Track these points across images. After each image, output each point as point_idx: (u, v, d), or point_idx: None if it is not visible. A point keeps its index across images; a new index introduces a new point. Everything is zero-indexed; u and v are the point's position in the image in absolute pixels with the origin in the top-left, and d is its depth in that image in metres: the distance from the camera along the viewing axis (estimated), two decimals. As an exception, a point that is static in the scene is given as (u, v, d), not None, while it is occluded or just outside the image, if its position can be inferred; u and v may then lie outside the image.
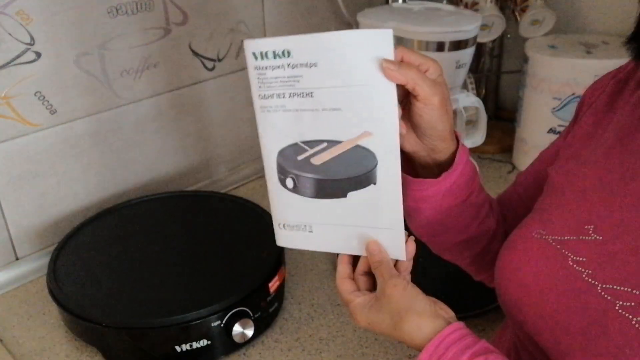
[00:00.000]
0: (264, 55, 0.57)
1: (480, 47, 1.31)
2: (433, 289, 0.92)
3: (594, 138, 0.58)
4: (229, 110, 1.17)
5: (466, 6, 1.23)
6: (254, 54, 0.57)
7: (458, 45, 1.02)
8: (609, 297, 0.49)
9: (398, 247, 0.61)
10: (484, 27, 1.19)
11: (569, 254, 0.52)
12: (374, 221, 0.61)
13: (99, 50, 0.94)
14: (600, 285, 0.50)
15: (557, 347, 0.51)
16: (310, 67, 0.56)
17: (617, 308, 0.48)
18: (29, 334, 0.84)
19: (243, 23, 1.12)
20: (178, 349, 0.75)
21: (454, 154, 0.61)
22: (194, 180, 1.16)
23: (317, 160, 0.60)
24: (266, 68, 0.58)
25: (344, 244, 0.63)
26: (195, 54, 1.07)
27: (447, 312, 0.56)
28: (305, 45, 0.56)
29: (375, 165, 0.58)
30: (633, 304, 0.47)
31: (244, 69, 1.15)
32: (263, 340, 0.82)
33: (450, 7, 1.11)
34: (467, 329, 0.53)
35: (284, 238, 0.65)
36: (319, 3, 1.23)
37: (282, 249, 0.87)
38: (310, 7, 1.22)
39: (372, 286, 0.61)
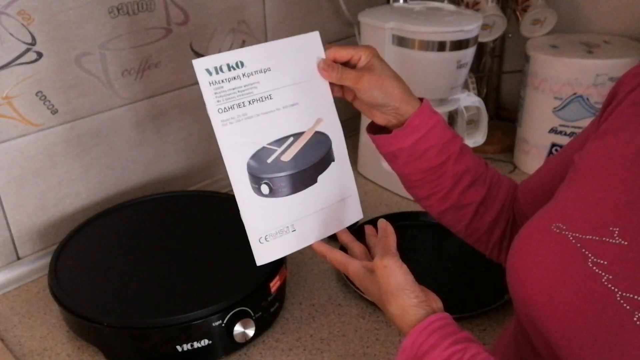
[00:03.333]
0: (218, 70, 0.61)
1: (481, 47, 1.31)
2: (434, 288, 0.92)
3: (628, 131, 0.54)
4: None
5: (467, 6, 1.22)
6: (207, 70, 0.61)
7: (459, 45, 1.02)
8: (627, 307, 0.46)
9: (357, 209, 0.70)
10: (485, 26, 1.19)
11: (590, 255, 0.50)
12: (340, 194, 0.68)
13: (100, 50, 0.94)
14: (620, 292, 0.47)
15: (568, 348, 0.50)
16: (265, 72, 0.63)
17: (635, 319, 0.46)
18: (31, 334, 0.85)
19: (244, 23, 1.12)
20: (179, 348, 0.75)
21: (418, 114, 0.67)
22: (195, 180, 1.16)
23: (286, 157, 0.64)
24: (222, 81, 0.61)
25: (324, 229, 0.68)
26: (196, 53, 1.07)
27: (436, 303, 0.56)
28: (256, 54, 0.62)
29: (331, 145, 0.68)
30: None
31: (245, 68, 1.16)
32: (264, 340, 0.82)
33: (451, 7, 1.11)
34: (451, 319, 0.53)
35: (265, 253, 0.65)
36: (320, 3, 1.23)
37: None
38: (311, 7, 1.22)
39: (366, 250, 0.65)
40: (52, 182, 0.96)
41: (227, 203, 1.00)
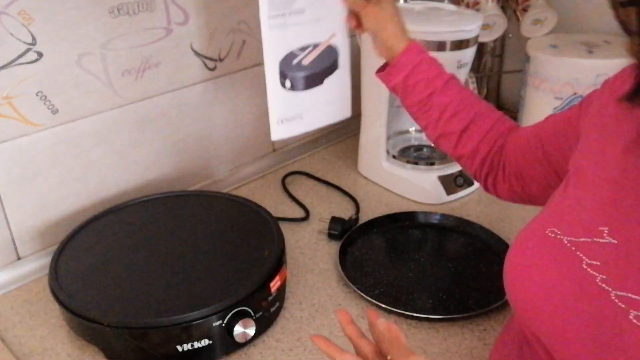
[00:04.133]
0: None
1: (481, 47, 1.31)
2: (435, 288, 0.92)
3: (614, 132, 0.55)
4: (230, 110, 1.17)
5: (467, 6, 1.23)
6: None
7: (459, 44, 1.02)
8: (622, 305, 0.47)
9: (348, 108, 0.91)
10: (485, 26, 1.19)
11: (583, 257, 0.51)
12: (339, 94, 0.89)
13: (101, 50, 0.94)
14: (614, 292, 0.48)
15: (565, 351, 0.50)
16: None
17: (631, 317, 0.46)
18: (31, 334, 0.85)
19: (244, 23, 1.12)
20: (179, 348, 0.75)
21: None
22: (195, 180, 1.16)
23: (306, 61, 0.85)
24: None
25: (325, 117, 0.90)
26: (197, 54, 1.07)
27: None
28: None
29: (338, 55, 0.87)
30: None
31: (245, 68, 1.16)
32: (264, 340, 0.82)
33: (452, 7, 1.11)
34: None
35: (280, 131, 0.86)
36: (320, 3, 1.23)
37: (283, 248, 0.87)
38: (311, 7, 1.22)
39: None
40: (53, 182, 0.96)
41: (228, 203, 1.00)
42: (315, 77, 0.87)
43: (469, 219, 1.05)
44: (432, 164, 1.17)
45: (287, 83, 0.85)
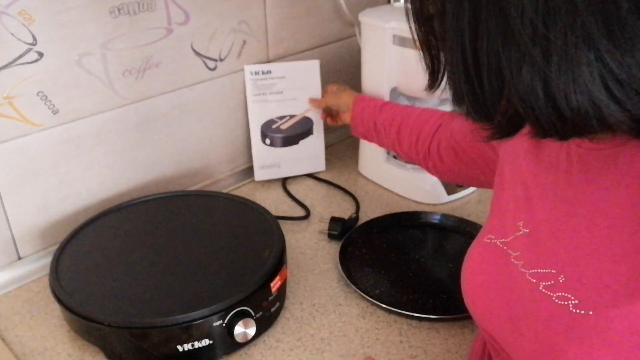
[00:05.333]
0: (257, 72, 1.15)
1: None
2: (436, 288, 0.92)
3: (517, 140, 0.61)
4: (231, 110, 1.17)
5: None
6: (251, 72, 1.15)
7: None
8: (534, 281, 0.53)
9: (321, 163, 1.23)
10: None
11: (510, 252, 0.57)
12: (313, 152, 1.21)
13: (101, 50, 0.94)
14: (528, 272, 0.54)
15: (512, 343, 0.56)
16: (281, 78, 1.16)
17: (540, 288, 0.53)
18: (31, 333, 0.85)
19: (245, 23, 1.12)
20: (180, 348, 0.76)
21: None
22: (196, 180, 1.16)
23: (284, 126, 1.18)
24: (258, 80, 1.15)
25: (300, 168, 1.21)
26: (197, 54, 1.07)
27: None
28: (278, 68, 1.16)
29: (312, 125, 1.19)
30: (552, 282, 0.52)
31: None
32: (265, 340, 0.82)
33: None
34: None
35: (261, 175, 1.19)
36: (320, 3, 1.23)
37: (283, 248, 0.87)
38: (312, 7, 1.22)
39: None
40: (53, 181, 0.96)
41: (228, 203, 1.00)
42: (291, 139, 1.18)
43: (470, 219, 1.05)
44: (432, 164, 1.17)
45: (267, 140, 1.18)
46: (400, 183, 1.16)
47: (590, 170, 0.52)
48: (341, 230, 1.02)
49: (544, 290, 0.52)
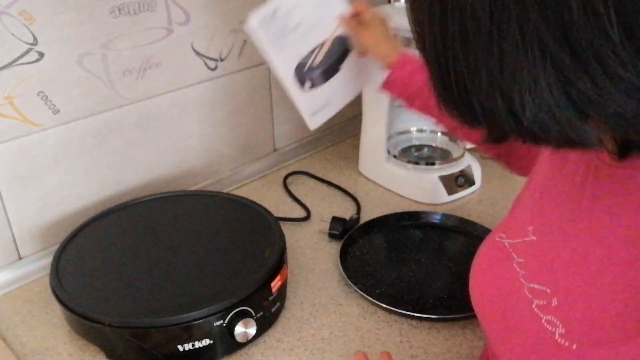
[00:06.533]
0: (264, 20, 0.88)
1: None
2: (436, 288, 0.92)
3: None
4: (231, 110, 1.17)
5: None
6: (259, 22, 0.88)
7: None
8: (530, 296, 0.52)
9: (379, 73, 0.94)
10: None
11: (515, 256, 0.56)
12: (352, 72, 0.99)
13: (102, 50, 0.94)
14: (527, 284, 0.53)
15: (503, 352, 0.55)
16: (291, 11, 0.90)
17: (533, 306, 0.51)
18: (32, 333, 0.85)
19: (245, 23, 1.12)
20: (180, 348, 0.76)
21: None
22: (196, 180, 1.16)
23: (316, 61, 0.96)
24: (268, 29, 0.89)
25: (346, 95, 1.01)
26: (198, 53, 1.07)
27: None
28: (283, 1, 0.90)
29: (347, 43, 0.97)
30: (545, 302, 0.50)
31: (246, 68, 1.16)
32: (265, 340, 0.82)
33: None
34: None
35: (315, 121, 0.98)
36: (321, 3, 1.23)
37: (284, 248, 0.87)
38: (312, 7, 1.22)
39: None
40: (54, 181, 0.96)
41: (228, 203, 1.00)
42: (331, 69, 0.98)
43: (470, 219, 1.05)
44: (432, 163, 1.17)
45: (307, 85, 0.96)
46: (401, 183, 1.16)
47: (601, 186, 0.49)
48: (342, 230, 1.02)
49: (536, 309, 0.50)
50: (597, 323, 0.46)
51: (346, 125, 1.39)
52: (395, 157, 1.19)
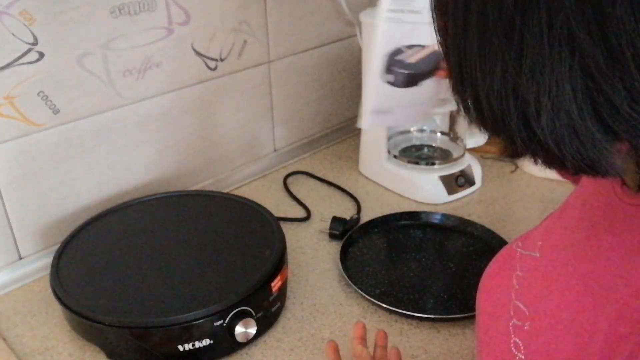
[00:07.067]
0: None
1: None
2: (437, 288, 0.92)
3: None
4: (231, 111, 1.17)
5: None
6: None
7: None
8: (512, 313, 0.48)
9: (431, 109, 0.99)
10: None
11: (518, 267, 0.52)
12: (428, 97, 0.95)
13: (102, 50, 0.94)
14: (514, 300, 0.49)
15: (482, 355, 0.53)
16: None
17: (510, 324, 0.47)
18: (32, 333, 0.85)
19: (245, 23, 1.12)
20: (180, 348, 0.76)
21: None
22: (197, 180, 1.16)
23: (412, 59, 0.90)
24: None
25: (407, 117, 0.99)
26: (198, 53, 1.07)
27: None
28: None
29: (440, 63, 0.89)
30: (520, 323, 0.46)
31: (246, 68, 1.16)
32: (265, 340, 0.82)
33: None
34: None
35: (370, 121, 0.94)
36: (321, 2, 1.23)
37: (284, 248, 0.87)
38: (312, 7, 1.22)
39: None
40: (54, 181, 0.96)
41: (229, 203, 1.00)
42: (415, 77, 0.93)
43: (470, 219, 1.05)
44: (433, 163, 1.17)
45: (390, 77, 0.91)
46: (401, 183, 1.16)
47: (604, 222, 0.43)
48: (342, 230, 1.02)
49: (510, 327, 0.47)
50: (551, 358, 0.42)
51: (346, 125, 1.39)
52: (395, 157, 1.19)
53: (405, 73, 0.92)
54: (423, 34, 0.89)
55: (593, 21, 0.28)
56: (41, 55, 0.88)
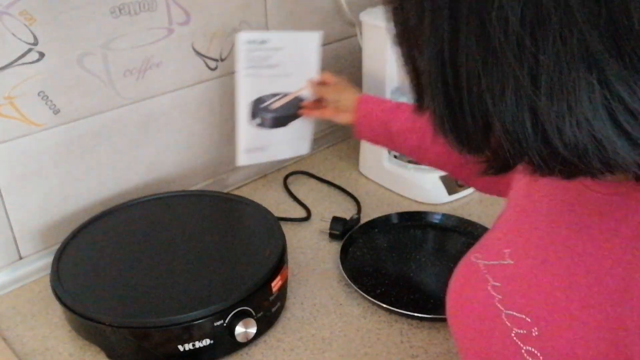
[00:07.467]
0: (251, 42, 0.99)
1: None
2: (437, 288, 0.92)
3: None
4: (232, 110, 1.17)
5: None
6: (246, 40, 0.98)
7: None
8: (508, 324, 0.48)
9: (306, 146, 1.10)
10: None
11: (490, 278, 0.52)
12: (300, 135, 1.08)
13: (102, 50, 0.94)
14: (504, 311, 0.49)
15: None
16: (277, 50, 1.00)
17: (512, 335, 0.47)
18: (33, 333, 0.85)
19: (245, 23, 1.12)
20: (181, 348, 0.76)
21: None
22: (196, 180, 1.16)
23: (274, 106, 1.04)
24: (252, 50, 0.99)
25: (285, 152, 1.09)
26: (198, 53, 1.07)
27: None
28: (276, 38, 1.01)
29: (304, 101, 1.04)
30: (525, 332, 0.46)
31: (246, 68, 1.16)
32: (266, 340, 0.82)
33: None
34: None
35: (245, 159, 1.05)
36: (321, 2, 1.23)
37: (284, 248, 0.87)
38: (312, 7, 1.22)
39: None
40: (54, 181, 0.96)
41: (229, 203, 1.00)
42: (281, 119, 1.05)
43: (470, 219, 1.05)
44: (433, 163, 1.17)
45: (257, 120, 1.04)
46: (401, 183, 1.16)
47: (587, 213, 0.44)
48: (342, 230, 1.02)
49: (515, 338, 0.47)
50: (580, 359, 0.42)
51: (346, 125, 1.39)
52: (395, 157, 1.19)
53: (272, 117, 1.04)
54: (282, 84, 1.03)
55: (607, 33, 0.29)
56: (41, 55, 0.88)
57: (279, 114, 1.04)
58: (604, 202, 0.43)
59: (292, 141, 1.08)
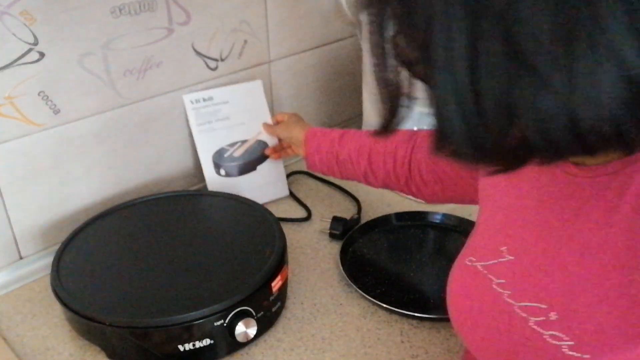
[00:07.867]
0: (197, 101, 1.07)
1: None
2: (437, 288, 0.92)
3: None
4: (232, 110, 1.17)
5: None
6: (191, 101, 1.06)
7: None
8: (524, 315, 0.50)
9: (283, 189, 1.14)
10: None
11: (493, 278, 0.55)
12: (273, 177, 1.12)
13: (102, 50, 0.94)
14: (517, 304, 0.51)
15: None
16: (225, 103, 1.08)
17: (530, 324, 0.50)
18: (33, 333, 0.85)
19: (246, 23, 1.12)
20: (181, 348, 0.76)
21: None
22: (197, 180, 1.16)
23: (237, 153, 1.08)
24: (199, 108, 1.07)
25: (263, 196, 1.09)
26: (198, 53, 1.07)
27: None
28: (220, 93, 1.08)
29: (266, 147, 1.10)
30: (543, 318, 0.49)
31: (246, 68, 1.16)
32: (266, 340, 0.82)
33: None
34: None
35: None
36: (321, 2, 1.23)
37: (284, 248, 0.87)
38: (312, 7, 1.22)
39: None
40: (54, 181, 0.96)
41: (229, 203, 1.00)
42: (248, 165, 1.09)
43: (471, 219, 1.05)
44: (433, 163, 1.16)
45: (222, 171, 1.08)
46: (401, 183, 1.16)
47: (579, 199, 0.48)
48: (343, 230, 1.02)
49: (534, 326, 0.49)
50: (604, 329, 0.45)
51: (346, 125, 1.39)
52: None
53: (236, 165, 1.08)
54: (239, 132, 1.08)
55: (635, 35, 0.32)
56: (42, 55, 0.88)
57: (244, 160, 1.09)
58: (594, 184, 0.46)
59: (268, 185, 1.11)
